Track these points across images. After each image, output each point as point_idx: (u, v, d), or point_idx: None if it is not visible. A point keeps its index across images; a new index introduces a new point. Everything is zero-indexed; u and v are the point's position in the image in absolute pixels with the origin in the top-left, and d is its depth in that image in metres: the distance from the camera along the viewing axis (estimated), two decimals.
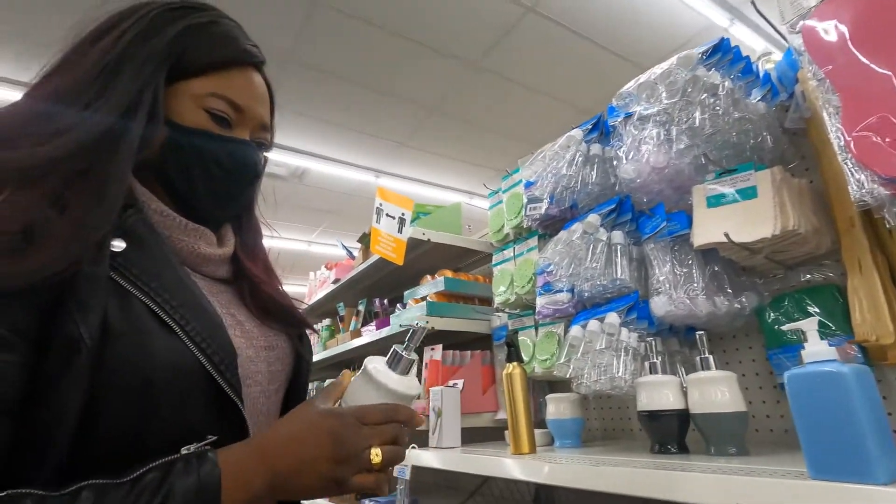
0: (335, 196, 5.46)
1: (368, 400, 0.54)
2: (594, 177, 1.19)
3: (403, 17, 3.11)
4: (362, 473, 0.50)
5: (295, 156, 4.52)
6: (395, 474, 1.34)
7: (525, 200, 1.43)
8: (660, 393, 0.91)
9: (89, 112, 0.52)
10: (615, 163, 1.14)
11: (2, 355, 0.42)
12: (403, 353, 0.57)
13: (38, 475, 0.43)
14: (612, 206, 1.15)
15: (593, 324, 1.09)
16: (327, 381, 2.52)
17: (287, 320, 0.69)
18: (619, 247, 1.12)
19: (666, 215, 1.05)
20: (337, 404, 0.56)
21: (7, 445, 0.42)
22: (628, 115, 1.11)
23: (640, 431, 1.28)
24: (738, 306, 0.97)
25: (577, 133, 1.24)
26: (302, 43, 3.24)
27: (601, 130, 1.24)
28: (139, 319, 0.48)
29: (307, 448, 0.49)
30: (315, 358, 2.55)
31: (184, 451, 0.47)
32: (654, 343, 1.00)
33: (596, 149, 1.21)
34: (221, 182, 0.61)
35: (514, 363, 1.14)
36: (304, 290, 3.07)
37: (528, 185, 1.42)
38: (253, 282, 0.67)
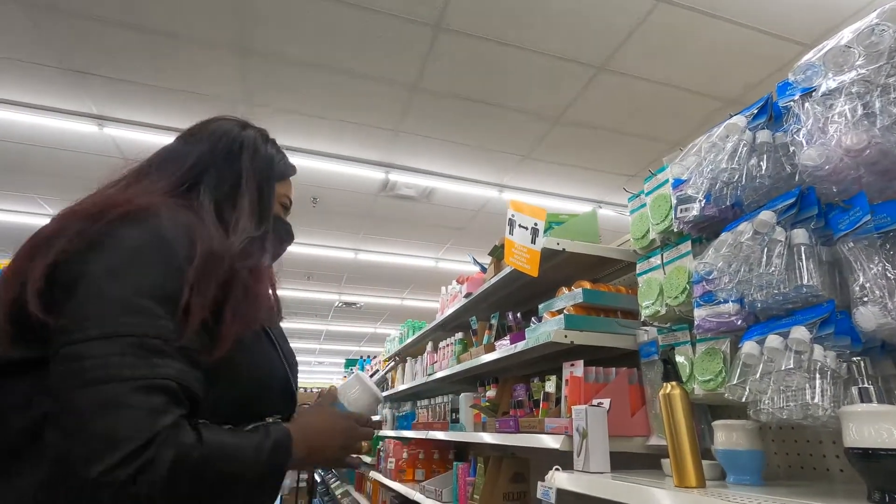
0: (460, 213, 5.60)
1: (356, 395, 0.96)
2: (764, 168, 1.03)
3: (524, 29, 3.10)
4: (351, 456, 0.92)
5: (423, 177, 4.76)
6: (539, 495, 1.28)
7: (674, 201, 1.29)
8: (879, 426, 0.73)
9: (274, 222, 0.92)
10: (792, 149, 0.97)
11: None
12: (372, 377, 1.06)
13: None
14: (791, 201, 0.97)
15: (773, 339, 0.92)
16: (462, 395, 2.54)
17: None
18: (803, 247, 0.94)
19: (869, 206, 0.86)
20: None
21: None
22: (806, 92, 0.94)
23: (842, 472, 1.05)
24: None
25: (739, 120, 1.08)
26: (427, 70, 3.40)
27: (770, 114, 1.07)
28: (263, 341, 0.85)
29: (329, 437, 0.86)
30: (448, 372, 2.59)
31: (269, 419, 0.79)
32: (862, 364, 0.81)
33: (764, 136, 1.04)
34: (284, 246, 1.00)
35: (673, 382, 1.01)
36: (437, 304, 3.16)
37: (677, 183, 1.28)
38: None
